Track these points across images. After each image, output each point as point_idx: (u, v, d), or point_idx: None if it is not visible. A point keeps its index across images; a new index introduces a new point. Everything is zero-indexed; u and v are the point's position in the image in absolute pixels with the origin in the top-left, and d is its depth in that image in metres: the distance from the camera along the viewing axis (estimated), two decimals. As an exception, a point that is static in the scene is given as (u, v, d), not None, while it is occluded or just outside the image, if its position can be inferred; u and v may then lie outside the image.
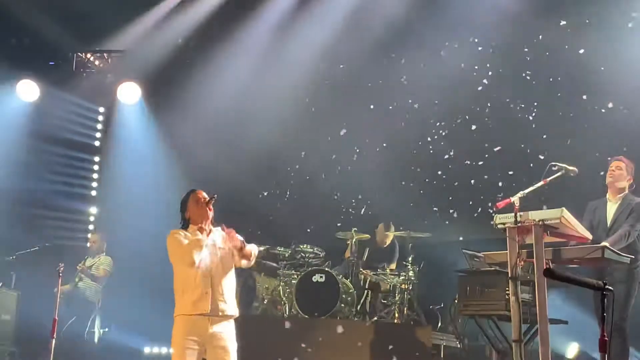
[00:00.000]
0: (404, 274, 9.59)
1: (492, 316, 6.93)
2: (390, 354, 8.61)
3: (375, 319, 9.61)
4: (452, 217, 10.39)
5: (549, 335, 5.95)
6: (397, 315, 9.44)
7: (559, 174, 6.57)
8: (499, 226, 6.23)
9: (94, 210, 12.90)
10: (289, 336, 9.15)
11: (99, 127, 13.12)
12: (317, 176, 11.40)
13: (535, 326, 6.36)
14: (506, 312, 6.42)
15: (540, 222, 6.02)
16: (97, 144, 13.10)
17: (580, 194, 7.69)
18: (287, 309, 9.82)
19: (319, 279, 9.57)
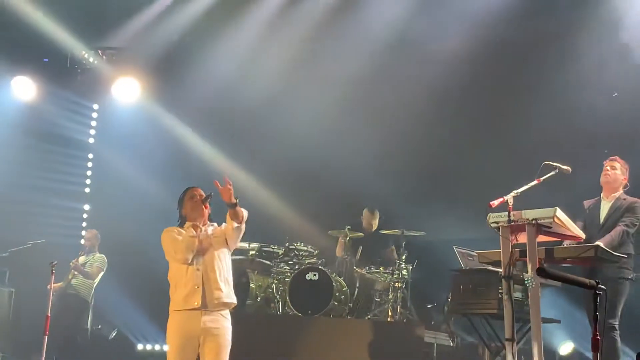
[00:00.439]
0: (397, 272, 9.60)
1: (485, 315, 6.93)
2: (383, 352, 8.62)
3: (368, 317, 9.62)
4: (445, 216, 10.37)
5: (541, 334, 5.98)
6: (390, 313, 9.45)
7: (553, 172, 6.58)
8: (493, 225, 6.25)
9: (88, 207, 12.88)
10: (282, 334, 9.16)
11: (93, 124, 13.10)
12: (310, 173, 11.38)
13: (527, 325, 6.37)
14: (499, 311, 6.43)
15: (533, 221, 6.04)
16: (91, 140, 13.08)
17: (574, 193, 7.67)
18: (280, 307, 9.82)
19: (312, 277, 9.58)
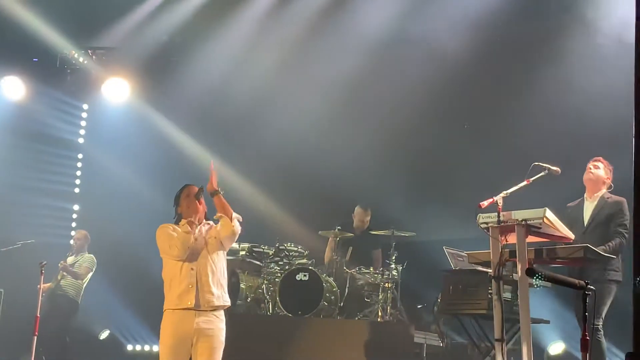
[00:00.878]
0: (387, 272, 9.61)
1: (475, 315, 6.95)
2: (373, 352, 8.62)
3: (358, 317, 9.62)
4: (436, 217, 10.39)
5: (530, 334, 6.00)
6: (380, 313, 9.45)
7: (543, 173, 6.60)
8: (482, 225, 6.26)
9: (77, 207, 12.86)
10: (272, 335, 9.15)
11: (83, 124, 13.08)
12: (301, 173, 11.38)
13: (517, 325, 6.39)
14: (489, 311, 6.44)
15: (523, 222, 6.05)
16: (81, 141, 13.05)
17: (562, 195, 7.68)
18: (270, 307, 9.81)
19: (302, 277, 9.57)
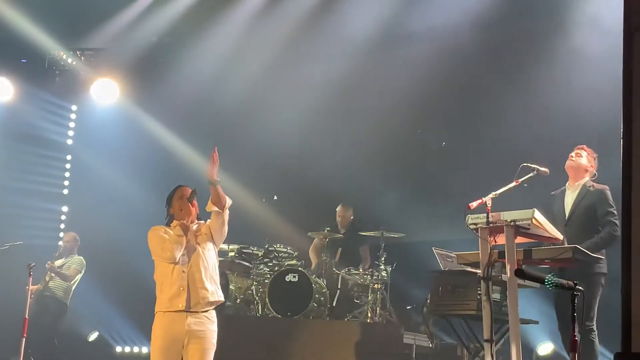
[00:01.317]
0: (376, 273, 9.61)
1: (464, 316, 6.96)
2: (362, 353, 8.63)
3: (348, 318, 9.63)
4: (425, 218, 10.40)
5: (519, 334, 6.01)
6: (369, 314, 9.45)
7: (531, 174, 6.61)
8: (471, 226, 6.26)
9: (66, 209, 12.82)
10: (262, 336, 9.15)
11: (71, 125, 13.05)
12: (290, 175, 11.38)
13: (506, 325, 6.40)
14: (478, 312, 6.46)
15: (511, 223, 6.06)
16: (70, 142, 13.01)
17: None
18: (259, 308, 9.81)
19: (292, 278, 9.57)
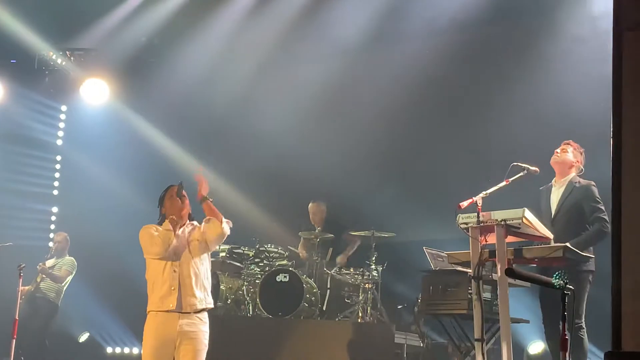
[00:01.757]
0: (367, 273, 9.61)
1: (455, 315, 6.97)
2: (353, 353, 8.63)
3: (339, 318, 9.63)
4: (415, 217, 10.40)
5: (510, 333, 6.03)
6: (360, 314, 9.45)
7: (522, 173, 6.61)
8: (462, 226, 6.27)
9: (56, 209, 12.78)
10: (253, 336, 9.13)
11: (61, 125, 13.01)
12: (281, 175, 11.37)
13: (497, 325, 6.41)
14: (468, 311, 6.47)
15: (502, 222, 6.07)
16: (59, 142, 12.98)
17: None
18: (250, 309, 9.80)
19: (282, 278, 9.56)
